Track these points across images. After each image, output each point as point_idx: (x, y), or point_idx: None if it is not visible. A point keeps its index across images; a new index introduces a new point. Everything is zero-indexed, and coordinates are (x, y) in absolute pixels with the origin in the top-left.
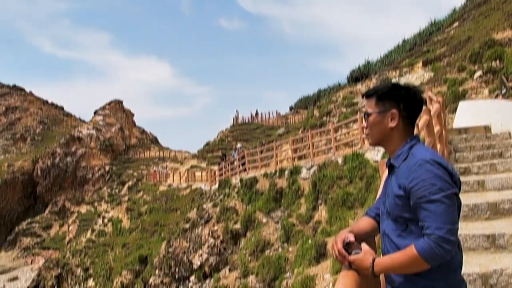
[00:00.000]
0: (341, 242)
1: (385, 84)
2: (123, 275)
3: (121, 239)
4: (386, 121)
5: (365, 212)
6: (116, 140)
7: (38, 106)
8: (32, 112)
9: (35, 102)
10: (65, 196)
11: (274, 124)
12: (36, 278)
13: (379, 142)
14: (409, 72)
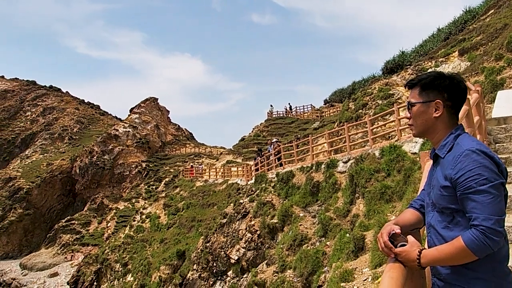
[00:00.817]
0: (387, 234)
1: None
2: (161, 270)
3: (159, 234)
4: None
5: (409, 204)
6: (152, 137)
7: (74, 106)
8: (69, 112)
9: (71, 102)
10: (103, 193)
11: (309, 118)
12: (76, 273)
13: (423, 133)
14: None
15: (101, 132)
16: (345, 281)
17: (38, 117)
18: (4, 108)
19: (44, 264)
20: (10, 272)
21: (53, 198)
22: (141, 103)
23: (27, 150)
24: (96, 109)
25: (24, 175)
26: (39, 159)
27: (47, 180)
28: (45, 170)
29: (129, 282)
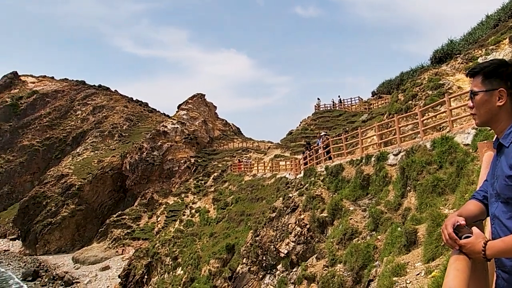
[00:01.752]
0: (451, 226)
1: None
2: (211, 264)
3: (208, 228)
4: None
5: (472, 195)
6: (200, 132)
7: (123, 104)
8: (118, 110)
9: (120, 100)
10: (153, 188)
11: (357, 111)
12: (127, 267)
13: (486, 122)
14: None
15: (150, 128)
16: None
17: (88, 116)
18: (55, 107)
19: (95, 258)
20: (63, 266)
21: (104, 194)
22: (189, 100)
23: (78, 148)
24: (145, 106)
25: (76, 172)
26: (90, 156)
27: (98, 176)
28: (96, 167)
29: (179, 275)
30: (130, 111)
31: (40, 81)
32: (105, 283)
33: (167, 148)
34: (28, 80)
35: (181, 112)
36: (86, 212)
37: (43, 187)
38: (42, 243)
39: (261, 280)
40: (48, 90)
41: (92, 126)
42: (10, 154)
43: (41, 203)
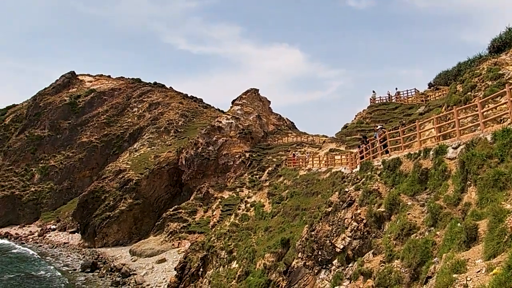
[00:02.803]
0: None
1: None
2: (265, 258)
3: (263, 223)
4: None
5: None
6: (255, 127)
7: (178, 100)
8: (174, 106)
9: (175, 97)
10: (208, 183)
11: (413, 103)
12: (183, 260)
13: None
14: None
15: (205, 124)
16: (457, 273)
17: (145, 113)
18: (112, 105)
19: (152, 251)
20: (120, 258)
21: (161, 188)
22: (243, 95)
23: (135, 144)
24: (199, 102)
25: (133, 167)
26: (146, 152)
27: (155, 171)
28: (153, 162)
29: (234, 268)
30: (185, 107)
31: (97, 80)
32: (161, 275)
33: (222, 143)
34: (85, 79)
35: (235, 108)
36: (143, 206)
37: (102, 182)
38: (101, 236)
39: (317, 275)
40: (105, 89)
41: (149, 123)
42: (70, 151)
43: (99, 197)
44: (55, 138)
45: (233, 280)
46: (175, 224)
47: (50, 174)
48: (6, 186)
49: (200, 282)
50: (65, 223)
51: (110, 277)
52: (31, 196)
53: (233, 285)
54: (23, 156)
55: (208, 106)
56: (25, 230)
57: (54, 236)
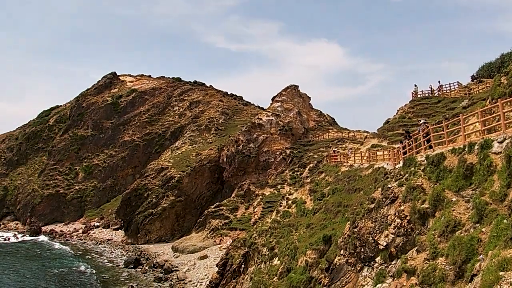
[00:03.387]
0: None
1: None
2: (307, 255)
3: (305, 219)
4: None
5: None
6: (295, 124)
7: (218, 98)
8: (214, 104)
9: (215, 95)
10: (249, 180)
11: (456, 96)
12: (225, 256)
13: None
14: None
15: (245, 121)
16: (503, 270)
17: (185, 111)
18: (154, 104)
19: (194, 247)
20: (163, 255)
21: (202, 185)
22: (282, 91)
23: (177, 142)
24: (239, 100)
25: (175, 165)
26: (188, 149)
27: (196, 169)
28: (194, 160)
29: (276, 265)
30: (225, 105)
31: (138, 80)
32: (203, 271)
33: (263, 140)
34: (126, 80)
35: (275, 104)
36: (185, 203)
37: (144, 179)
38: (143, 232)
39: (359, 272)
40: (146, 88)
41: (189, 121)
42: (113, 150)
43: (142, 195)
44: (98, 138)
45: (275, 277)
46: (217, 221)
47: (93, 173)
48: (51, 185)
49: (241, 278)
50: (109, 220)
51: (152, 273)
52: (76, 194)
53: (274, 282)
54: (67, 156)
55: (248, 103)
56: (70, 227)
57: (98, 233)
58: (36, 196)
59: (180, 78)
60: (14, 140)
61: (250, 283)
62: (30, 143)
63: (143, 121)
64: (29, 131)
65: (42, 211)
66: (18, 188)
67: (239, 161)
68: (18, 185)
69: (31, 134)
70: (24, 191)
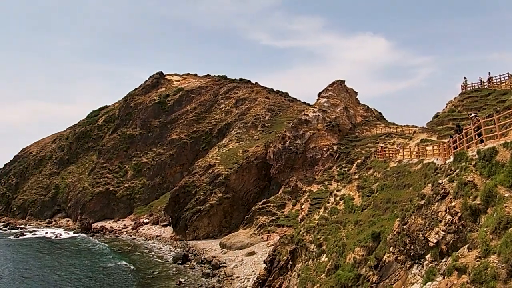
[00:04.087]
0: None
1: None
2: (355, 252)
3: (353, 216)
4: None
5: None
6: (342, 119)
7: (264, 95)
8: (260, 101)
9: (261, 92)
10: (296, 176)
11: (507, 88)
12: (272, 253)
13: None
14: None
15: (292, 118)
16: None
17: (232, 109)
18: (200, 102)
19: (241, 244)
20: (210, 251)
21: (249, 182)
22: (328, 87)
23: (224, 139)
24: (285, 96)
25: (222, 162)
26: (235, 147)
27: (243, 166)
28: (241, 157)
29: (323, 262)
30: (271, 102)
31: (184, 79)
32: (250, 267)
33: (310, 136)
34: (173, 79)
35: (321, 100)
36: (232, 200)
37: (192, 177)
38: (192, 229)
39: (408, 270)
40: (193, 87)
41: (236, 118)
42: (161, 148)
43: (190, 192)
44: (146, 136)
45: (322, 273)
46: (264, 218)
47: (142, 171)
48: (101, 182)
49: (289, 275)
50: (158, 217)
51: (200, 269)
52: (125, 191)
53: (322, 278)
54: (117, 154)
55: (294, 99)
56: (119, 224)
57: (147, 229)
58: (86, 193)
59: (225, 76)
60: (65, 140)
61: (297, 279)
62: (80, 142)
63: (190, 119)
64: (79, 131)
65: (93, 208)
66: (69, 186)
67: (286, 158)
68: (69, 183)
69: (81, 133)
70: (75, 189)
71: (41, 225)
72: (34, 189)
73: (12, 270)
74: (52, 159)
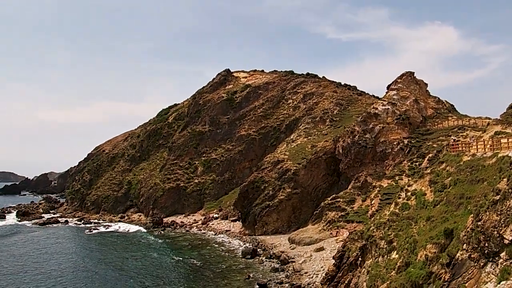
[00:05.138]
0: None
1: None
2: (427, 249)
3: (425, 212)
4: None
5: None
6: (412, 112)
7: (332, 89)
8: (328, 96)
9: (329, 86)
10: (366, 171)
11: None
12: (341, 249)
13: None
14: None
15: (360, 112)
16: None
17: (299, 104)
18: (268, 98)
19: (310, 239)
20: (279, 246)
21: (318, 177)
22: (397, 79)
23: (292, 135)
24: (353, 90)
25: (290, 157)
26: (303, 142)
27: (312, 161)
28: (310, 152)
29: (394, 259)
30: (339, 96)
31: (251, 75)
32: (319, 263)
33: (379, 130)
34: (240, 76)
35: (390, 93)
36: (301, 195)
37: (261, 172)
38: (260, 224)
39: (482, 268)
40: (260, 83)
41: (304, 113)
42: (230, 144)
43: (259, 187)
44: (215, 133)
45: (392, 271)
46: (333, 213)
47: (212, 167)
48: (172, 178)
49: (358, 272)
50: (227, 212)
51: (269, 264)
52: (195, 187)
53: (392, 276)
54: (187, 151)
55: (363, 93)
56: (190, 219)
57: (217, 224)
58: (158, 189)
59: (292, 71)
60: (136, 137)
61: (366, 276)
62: (151, 140)
63: (258, 115)
64: (150, 129)
65: (164, 203)
66: (141, 182)
67: (355, 152)
68: (141, 179)
69: (152, 131)
70: (146, 185)
71: (114, 220)
72: (108, 185)
73: (83, 263)
74: (124, 157)
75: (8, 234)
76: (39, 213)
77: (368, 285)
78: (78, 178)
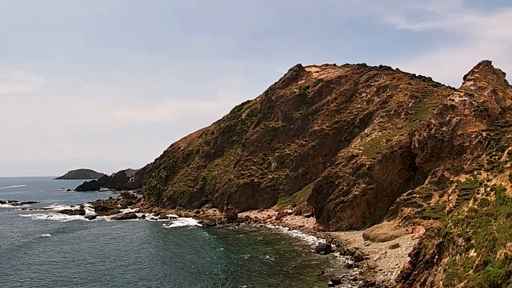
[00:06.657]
0: None
1: None
2: (507, 247)
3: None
4: None
5: None
6: (490, 103)
7: (406, 82)
8: (402, 88)
9: (403, 78)
10: (443, 166)
11: None
12: (417, 246)
13: None
14: None
15: (436, 104)
16: None
17: (373, 97)
18: (341, 93)
19: (385, 236)
20: (353, 242)
21: (393, 172)
22: (474, 69)
23: (366, 129)
24: (428, 81)
25: (365, 152)
26: (378, 136)
27: (387, 155)
28: (385, 146)
29: (472, 257)
30: (414, 88)
31: (323, 70)
32: (394, 260)
33: (456, 122)
34: (312, 70)
35: (467, 83)
36: (376, 191)
37: (335, 167)
38: (334, 220)
39: None
40: (332, 77)
41: (378, 107)
42: (303, 139)
43: (333, 182)
44: (288, 128)
45: (470, 269)
46: (409, 209)
47: (285, 162)
48: (246, 174)
49: (434, 270)
50: (301, 207)
51: (343, 260)
52: (269, 183)
53: (470, 274)
54: (260, 147)
55: (438, 84)
56: (264, 214)
57: (290, 219)
58: (232, 185)
59: (365, 64)
60: (210, 134)
61: (443, 275)
62: (225, 136)
63: (331, 109)
64: (223, 126)
65: (238, 199)
66: (215, 178)
67: (432, 146)
68: (216, 175)
69: (226, 128)
70: (221, 180)
71: (190, 215)
72: (183, 181)
73: (159, 255)
74: (199, 153)
75: (86, 227)
76: (117, 208)
77: (444, 284)
78: (154, 174)
